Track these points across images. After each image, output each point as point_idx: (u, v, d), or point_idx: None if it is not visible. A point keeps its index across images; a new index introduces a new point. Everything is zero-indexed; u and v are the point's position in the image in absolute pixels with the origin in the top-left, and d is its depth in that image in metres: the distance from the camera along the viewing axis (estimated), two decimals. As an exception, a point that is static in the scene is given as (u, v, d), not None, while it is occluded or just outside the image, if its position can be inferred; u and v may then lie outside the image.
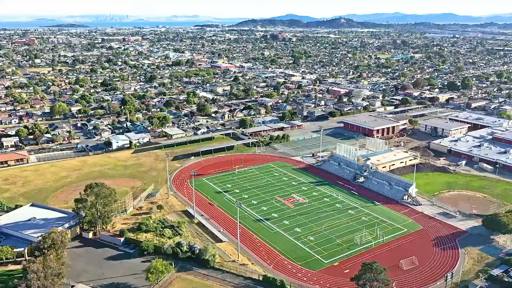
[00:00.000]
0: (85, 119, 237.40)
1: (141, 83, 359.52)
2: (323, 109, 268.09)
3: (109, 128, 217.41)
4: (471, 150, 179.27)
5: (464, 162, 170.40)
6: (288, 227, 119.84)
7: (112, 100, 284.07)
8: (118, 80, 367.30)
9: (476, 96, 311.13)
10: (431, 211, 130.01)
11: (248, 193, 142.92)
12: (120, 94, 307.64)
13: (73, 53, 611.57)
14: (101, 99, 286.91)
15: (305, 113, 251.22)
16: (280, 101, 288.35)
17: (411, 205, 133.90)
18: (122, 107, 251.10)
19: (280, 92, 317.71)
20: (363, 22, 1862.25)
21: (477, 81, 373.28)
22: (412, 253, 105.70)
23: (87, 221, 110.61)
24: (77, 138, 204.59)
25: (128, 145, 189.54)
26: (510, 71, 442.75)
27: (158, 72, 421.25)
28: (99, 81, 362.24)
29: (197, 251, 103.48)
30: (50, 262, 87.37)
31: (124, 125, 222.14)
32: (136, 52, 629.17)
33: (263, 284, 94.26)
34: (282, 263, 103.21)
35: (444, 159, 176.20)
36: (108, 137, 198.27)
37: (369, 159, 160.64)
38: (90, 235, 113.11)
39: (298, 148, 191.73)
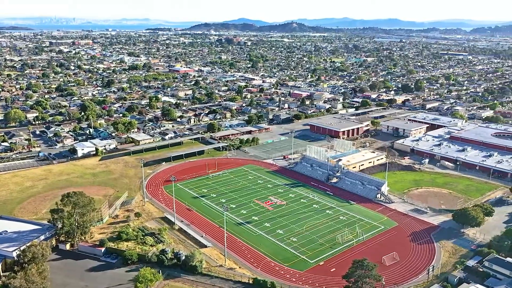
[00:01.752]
0: (44, 126, 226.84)
1: (98, 88, 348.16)
2: (287, 112, 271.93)
3: (71, 135, 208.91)
4: (432, 149, 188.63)
5: (427, 160, 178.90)
6: (270, 230, 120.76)
7: (70, 106, 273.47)
8: (74, 85, 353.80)
9: (429, 98, 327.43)
10: (403, 208, 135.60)
11: (225, 197, 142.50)
12: (78, 99, 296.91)
13: (20, 57, 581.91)
14: (58, 105, 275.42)
15: (270, 116, 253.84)
16: (244, 104, 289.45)
17: (384, 203, 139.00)
18: (83, 113, 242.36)
19: (243, 95, 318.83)
20: (314, 26, 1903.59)
21: (428, 84, 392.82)
22: (392, 249, 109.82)
23: (65, 232, 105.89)
24: (37, 146, 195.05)
25: (94, 152, 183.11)
26: (456, 73, 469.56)
27: (115, 76, 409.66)
28: (53, 86, 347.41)
29: (183, 258, 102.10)
30: (33, 276, 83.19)
31: (87, 131, 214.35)
32: (89, 56, 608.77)
33: (254, 287, 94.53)
34: (269, 265, 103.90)
35: (408, 158, 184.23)
36: (73, 144, 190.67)
37: (341, 159, 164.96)
38: (68, 246, 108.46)
39: (268, 151, 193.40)
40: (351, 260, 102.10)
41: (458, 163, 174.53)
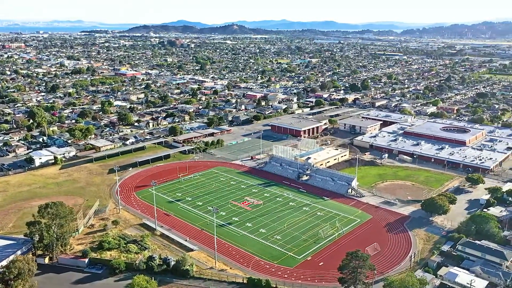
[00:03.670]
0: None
1: (42, 94, 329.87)
2: (245, 113, 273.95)
3: (23, 144, 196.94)
4: (389, 144, 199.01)
5: (386, 155, 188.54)
6: (253, 229, 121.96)
7: (15, 113, 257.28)
8: (14, 91, 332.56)
9: (377, 96, 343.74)
10: (374, 201, 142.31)
11: (201, 200, 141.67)
12: (22, 106, 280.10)
13: None
14: (1, 113, 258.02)
15: (230, 118, 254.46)
16: (200, 107, 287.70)
17: (356, 197, 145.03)
18: (31, 120, 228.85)
19: (198, 98, 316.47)
20: (254, 28, 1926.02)
21: (372, 83, 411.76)
22: (371, 240, 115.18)
23: (44, 244, 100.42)
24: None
25: (53, 161, 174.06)
26: (396, 73, 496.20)
27: (58, 81, 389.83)
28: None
29: (173, 263, 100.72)
30: (21, 294, 78.52)
31: (41, 139, 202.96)
32: (24, 60, 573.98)
33: (249, 286, 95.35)
34: (259, 264, 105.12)
35: (368, 153, 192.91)
36: (28, 153, 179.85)
37: (310, 157, 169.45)
38: (46, 260, 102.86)
39: (234, 152, 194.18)
40: (336, 253, 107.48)
41: (415, 156, 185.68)
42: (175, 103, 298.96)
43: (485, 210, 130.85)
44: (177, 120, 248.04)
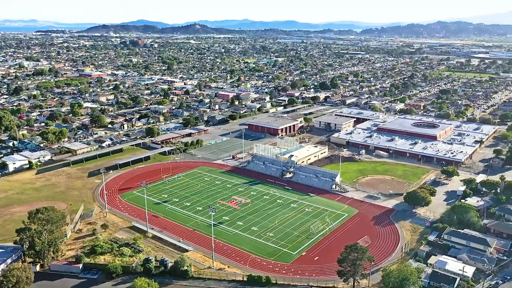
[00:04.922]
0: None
1: (5, 96, 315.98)
2: (220, 112, 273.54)
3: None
4: (365, 140, 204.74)
5: (363, 151, 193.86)
6: (244, 228, 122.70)
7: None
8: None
9: (346, 94, 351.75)
10: (358, 196, 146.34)
11: (189, 201, 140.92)
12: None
13: None
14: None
15: (205, 118, 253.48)
16: (173, 107, 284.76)
17: (341, 193, 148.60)
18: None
19: (170, 98, 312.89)
20: (217, 28, 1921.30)
21: (340, 81, 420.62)
22: (361, 234, 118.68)
23: (36, 251, 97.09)
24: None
25: (28, 166, 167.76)
26: (361, 71, 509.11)
27: (19, 83, 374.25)
28: None
29: (171, 264, 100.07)
30: (22, 303, 75.95)
31: (11, 143, 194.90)
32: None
33: (250, 283, 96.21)
34: (256, 261, 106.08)
35: (346, 150, 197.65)
36: (1, 158, 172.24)
37: (293, 155, 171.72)
38: (38, 267, 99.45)
39: (214, 152, 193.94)
40: (329, 248, 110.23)
41: (390, 151, 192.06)
42: (147, 104, 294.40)
43: (462, 200, 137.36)
44: (151, 121, 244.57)
